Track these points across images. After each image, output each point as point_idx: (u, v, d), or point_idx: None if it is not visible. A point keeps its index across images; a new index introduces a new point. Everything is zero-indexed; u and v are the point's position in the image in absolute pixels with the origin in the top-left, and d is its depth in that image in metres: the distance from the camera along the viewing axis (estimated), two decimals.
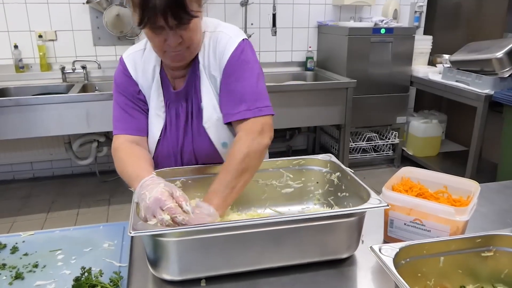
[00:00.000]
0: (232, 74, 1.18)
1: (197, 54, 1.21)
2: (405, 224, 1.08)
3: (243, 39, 1.20)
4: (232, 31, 1.21)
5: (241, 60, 1.18)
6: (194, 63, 1.22)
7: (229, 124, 1.22)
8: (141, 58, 1.25)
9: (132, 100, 1.25)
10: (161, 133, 1.25)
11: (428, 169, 1.28)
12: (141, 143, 1.25)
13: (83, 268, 0.94)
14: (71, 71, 3.24)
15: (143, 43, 1.28)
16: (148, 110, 1.28)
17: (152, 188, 0.97)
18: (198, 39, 1.15)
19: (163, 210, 0.93)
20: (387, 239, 1.13)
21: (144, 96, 1.27)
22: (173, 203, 0.95)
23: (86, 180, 3.56)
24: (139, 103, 1.26)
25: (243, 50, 1.19)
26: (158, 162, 1.28)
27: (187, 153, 1.26)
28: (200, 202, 1.03)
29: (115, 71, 1.29)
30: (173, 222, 0.93)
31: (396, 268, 0.77)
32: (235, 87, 1.18)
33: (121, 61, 1.27)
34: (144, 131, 1.27)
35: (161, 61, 1.24)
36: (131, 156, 1.18)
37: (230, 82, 1.19)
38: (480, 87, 2.95)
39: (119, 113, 1.26)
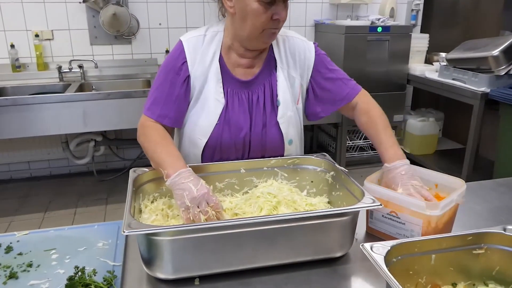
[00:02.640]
0: (322, 68, 1.37)
1: (273, 52, 1.33)
2: (382, 216, 1.10)
3: (313, 42, 1.40)
4: (299, 35, 1.39)
5: (322, 55, 1.39)
6: (269, 59, 1.34)
7: (296, 122, 1.37)
8: (202, 43, 1.30)
9: (180, 86, 1.27)
10: (219, 118, 1.28)
11: (425, 167, 1.28)
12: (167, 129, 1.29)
13: (76, 267, 0.94)
14: (68, 70, 3.24)
15: (203, 29, 1.33)
16: (189, 101, 1.30)
17: (197, 182, 1.06)
18: None
19: (208, 204, 1.03)
20: (369, 231, 1.16)
21: (190, 86, 1.28)
22: (217, 200, 1.06)
23: (83, 180, 3.55)
24: (182, 90, 1.28)
25: (318, 47, 1.39)
26: (213, 147, 1.30)
27: (255, 141, 1.32)
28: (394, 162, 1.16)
29: (170, 52, 1.31)
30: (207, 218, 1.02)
31: (387, 266, 0.77)
32: (335, 74, 1.39)
33: (179, 44, 1.30)
34: (177, 123, 1.31)
35: (221, 48, 1.30)
36: (164, 138, 1.23)
37: (326, 74, 1.38)
38: (477, 85, 2.95)
39: (160, 95, 1.27)
